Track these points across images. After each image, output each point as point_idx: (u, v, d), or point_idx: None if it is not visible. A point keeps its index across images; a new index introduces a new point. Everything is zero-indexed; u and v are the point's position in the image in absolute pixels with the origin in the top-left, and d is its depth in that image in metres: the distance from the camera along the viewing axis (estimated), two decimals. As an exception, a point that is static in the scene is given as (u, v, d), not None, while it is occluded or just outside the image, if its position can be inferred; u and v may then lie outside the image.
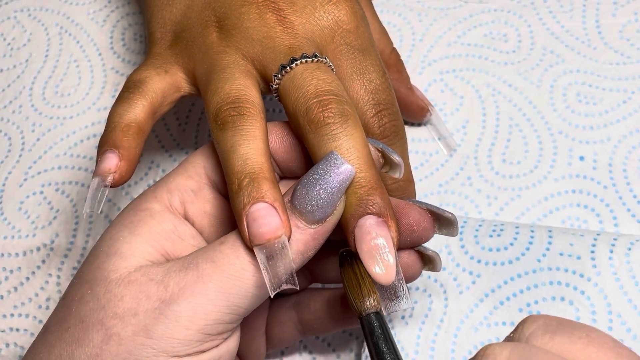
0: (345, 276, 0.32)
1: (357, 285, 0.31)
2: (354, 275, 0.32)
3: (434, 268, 0.35)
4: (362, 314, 0.31)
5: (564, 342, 0.26)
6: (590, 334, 0.26)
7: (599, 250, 0.38)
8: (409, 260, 0.34)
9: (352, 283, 0.32)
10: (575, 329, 0.26)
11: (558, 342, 0.26)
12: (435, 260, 0.35)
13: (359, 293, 0.31)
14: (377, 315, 0.31)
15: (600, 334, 0.26)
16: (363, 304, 0.31)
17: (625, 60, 0.47)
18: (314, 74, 0.34)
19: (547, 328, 0.26)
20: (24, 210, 0.48)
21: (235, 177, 0.31)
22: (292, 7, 0.37)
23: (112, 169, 0.35)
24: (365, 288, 0.31)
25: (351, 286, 0.32)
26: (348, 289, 0.32)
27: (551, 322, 0.27)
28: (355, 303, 0.31)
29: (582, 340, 0.26)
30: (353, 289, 0.31)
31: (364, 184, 0.31)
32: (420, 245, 0.35)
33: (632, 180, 0.44)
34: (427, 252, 0.35)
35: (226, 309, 0.31)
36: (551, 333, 0.26)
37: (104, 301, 0.31)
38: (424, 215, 0.34)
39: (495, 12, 0.50)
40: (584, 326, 0.26)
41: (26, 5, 0.55)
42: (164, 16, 0.40)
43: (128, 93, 0.37)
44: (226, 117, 0.33)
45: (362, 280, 0.31)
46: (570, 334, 0.26)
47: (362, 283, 0.31)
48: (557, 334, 0.26)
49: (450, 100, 0.48)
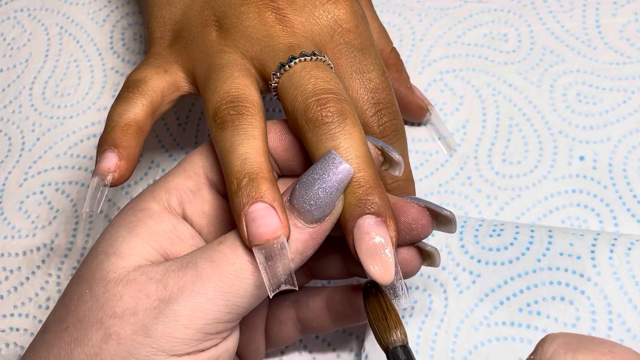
0: (371, 308, 0.32)
1: (383, 317, 0.31)
2: (379, 307, 0.32)
3: (433, 263, 0.35)
4: (389, 347, 0.31)
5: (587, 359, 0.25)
6: (612, 349, 0.26)
7: (599, 250, 0.38)
8: (408, 255, 0.34)
9: (377, 315, 0.31)
10: (597, 345, 0.26)
11: (582, 358, 0.25)
12: (434, 256, 0.35)
13: (385, 326, 0.31)
14: (405, 349, 0.31)
15: (623, 349, 0.26)
16: (390, 337, 0.31)
17: (625, 60, 0.47)
18: (312, 72, 0.34)
19: (569, 347, 0.26)
20: (24, 210, 0.48)
21: (234, 176, 0.31)
22: (292, 6, 0.37)
23: (111, 169, 0.35)
24: (392, 320, 0.31)
25: (377, 319, 0.31)
26: (374, 321, 0.31)
27: (571, 340, 0.26)
28: (382, 336, 0.31)
29: (605, 357, 0.25)
30: (379, 322, 0.31)
31: (363, 184, 0.31)
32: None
33: (632, 180, 0.44)
34: (426, 248, 0.35)
35: (225, 308, 0.31)
36: (573, 352, 0.26)
37: (103, 300, 0.31)
38: (423, 213, 0.34)
39: (495, 12, 0.50)
40: (605, 341, 0.26)
41: (26, 5, 0.55)
42: (164, 15, 0.40)
43: (127, 92, 0.37)
44: (225, 116, 0.33)
45: (389, 313, 0.31)
46: (593, 351, 0.25)
47: (389, 315, 0.31)
48: (580, 352, 0.25)
49: (450, 100, 0.48)
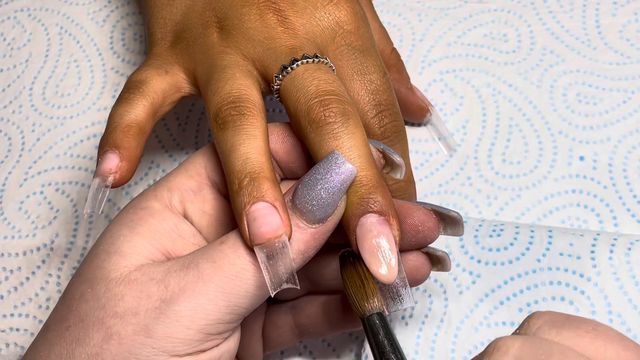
0: (348, 276, 0.32)
1: (361, 285, 0.31)
2: (357, 275, 0.31)
3: (443, 268, 0.35)
4: (365, 314, 0.31)
5: (571, 336, 0.26)
6: (596, 328, 0.26)
7: (599, 250, 0.38)
8: (417, 262, 0.34)
9: (355, 283, 0.31)
10: (581, 323, 0.26)
11: (565, 336, 0.26)
12: (445, 260, 0.35)
13: (363, 293, 0.31)
14: (380, 316, 0.31)
15: (606, 328, 0.26)
16: (367, 305, 0.31)
17: (625, 60, 0.47)
18: (314, 74, 0.34)
19: (554, 323, 0.26)
20: (24, 210, 0.48)
21: (236, 176, 0.31)
22: (293, 8, 0.37)
23: (112, 169, 0.35)
24: (369, 289, 0.31)
25: (354, 286, 0.31)
26: (351, 288, 0.31)
27: (557, 318, 0.27)
28: (359, 303, 0.31)
29: (589, 334, 0.26)
30: (356, 289, 0.31)
31: (365, 183, 0.31)
32: (428, 247, 0.35)
33: (632, 180, 0.44)
34: (436, 253, 0.35)
35: (226, 308, 0.31)
36: (558, 328, 0.26)
37: (104, 300, 0.31)
38: (429, 215, 0.33)
39: (495, 12, 0.50)
40: (590, 321, 0.27)
41: (26, 5, 0.55)
42: (164, 16, 0.40)
43: (129, 93, 0.37)
44: (226, 116, 0.33)
45: (366, 281, 0.31)
46: (577, 328, 0.26)
47: (366, 284, 0.31)
48: (564, 329, 0.26)
49: (450, 100, 0.48)
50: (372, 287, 0.31)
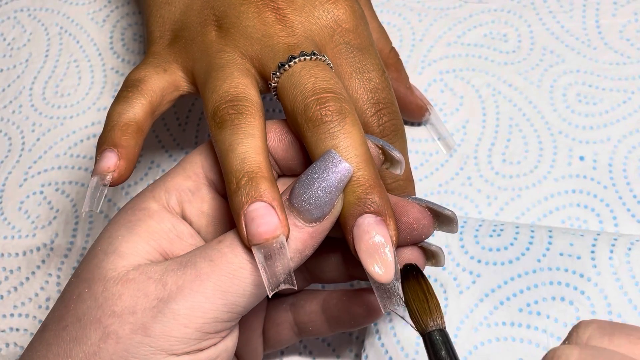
0: (411, 290, 0.31)
1: (424, 300, 0.31)
2: (420, 289, 0.31)
3: (437, 263, 0.35)
4: (426, 330, 0.30)
5: (623, 343, 0.26)
6: None
7: (599, 250, 0.38)
8: (412, 256, 0.34)
9: (418, 297, 0.31)
10: (631, 329, 0.26)
11: (617, 343, 0.26)
12: (438, 255, 0.35)
13: (426, 308, 0.30)
14: (442, 333, 0.30)
15: None
16: (430, 321, 0.30)
17: (625, 60, 0.47)
18: (312, 71, 0.34)
19: (604, 331, 0.26)
20: (24, 210, 0.48)
21: (234, 176, 0.31)
22: (291, 6, 0.37)
23: (111, 168, 0.35)
24: (433, 304, 0.31)
25: (417, 300, 0.31)
26: (413, 302, 0.31)
27: (605, 325, 0.27)
28: (422, 318, 0.30)
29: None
30: (419, 304, 0.31)
31: (362, 183, 0.31)
32: (423, 241, 0.35)
33: (632, 180, 0.43)
34: (430, 248, 0.35)
35: (224, 307, 0.31)
36: (609, 335, 0.26)
37: (102, 299, 0.31)
38: (424, 213, 0.34)
39: (495, 12, 0.50)
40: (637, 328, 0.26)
41: (26, 5, 0.55)
42: (163, 15, 0.40)
43: (127, 92, 0.37)
44: (224, 115, 0.33)
45: (430, 296, 0.31)
46: (629, 335, 0.26)
47: (430, 298, 0.31)
48: (615, 336, 0.26)
49: (450, 100, 0.48)
50: (436, 303, 0.31)
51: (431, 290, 0.31)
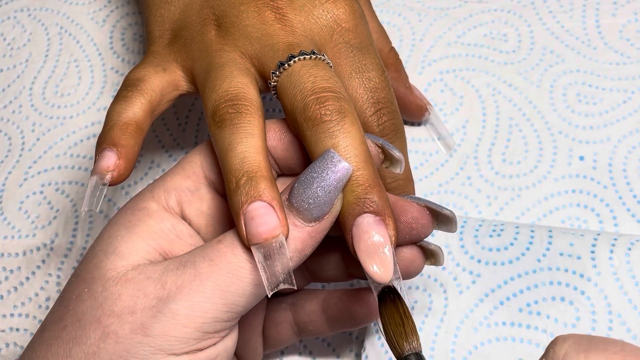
0: (387, 313, 0.31)
1: (400, 323, 0.30)
2: (397, 312, 0.31)
3: (436, 262, 0.35)
4: (403, 354, 0.30)
5: (600, 359, 0.25)
6: (624, 348, 0.26)
7: (599, 250, 0.38)
8: (411, 255, 0.34)
9: (394, 320, 0.31)
10: (608, 344, 0.26)
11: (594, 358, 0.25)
12: (437, 254, 0.35)
13: (402, 332, 0.30)
14: (418, 357, 0.30)
15: (633, 348, 0.26)
16: (406, 345, 0.30)
17: (625, 60, 0.47)
18: (311, 70, 0.33)
19: (580, 347, 0.26)
20: (24, 210, 0.48)
21: (233, 175, 0.31)
22: (291, 5, 0.37)
23: (110, 167, 0.35)
24: (409, 327, 0.30)
25: (393, 324, 0.30)
26: (389, 326, 0.30)
27: (581, 341, 0.26)
28: (397, 342, 0.30)
29: (617, 355, 0.25)
30: (395, 327, 0.30)
31: (362, 182, 0.31)
32: (422, 240, 0.35)
33: (632, 180, 0.43)
34: (429, 247, 0.35)
35: (223, 307, 0.31)
36: (585, 352, 0.26)
37: (102, 299, 0.31)
38: (423, 212, 0.33)
39: (495, 12, 0.50)
40: (615, 341, 0.26)
41: (26, 5, 0.55)
42: (163, 14, 0.40)
43: (126, 91, 0.37)
44: (224, 114, 0.33)
45: (406, 319, 0.30)
46: (605, 350, 0.26)
47: (406, 322, 0.30)
48: (591, 352, 0.26)
49: (450, 100, 0.48)
50: (412, 326, 0.30)
51: (407, 312, 0.31)
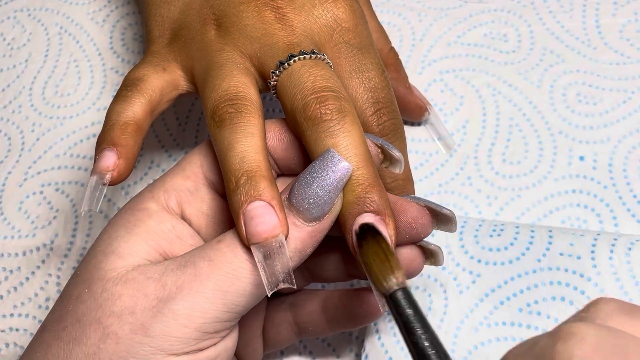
0: (370, 251, 0.30)
1: (385, 259, 0.29)
2: (380, 249, 0.29)
3: (436, 262, 0.35)
4: (389, 290, 0.28)
5: None
6: None
7: (599, 250, 0.38)
8: (411, 254, 0.34)
9: (378, 257, 0.29)
10: None
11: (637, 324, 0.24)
12: (437, 254, 0.35)
13: (388, 267, 0.29)
14: (405, 291, 0.28)
15: None
16: (392, 279, 0.28)
17: (625, 60, 0.47)
18: (311, 70, 0.34)
19: (622, 311, 0.25)
20: (23, 210, 0.48)
21: (233, 175, 0.31)
22: (291, 5, 0.37)
23: (110, 167, 0.35)
24: (394, 262, 0.29)
25: (377, 260, 0.29)
26: (373, 263, 0.29)
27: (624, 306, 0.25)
28: (384, 278, 0.29)
29: None
30: (380, 264, 0.29)
31: (362, 182, 0.31)
32: (422, 240, 0.34)
33: (632, 180, 0.43)
34: (429, 247, 0.35)
35: (224, 307, 0.31)
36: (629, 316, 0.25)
37: (101, 300, 0.31)
38: (422, 212, 0.33)
39: (495, 12, 0.50)
40: None
41: (26, 5, 0.55)
42: (162, 14, 0.40)
43: (126, 91, 0.37)
44: (224, 114, 0.33)
45: (390, 255, 0.29)
46: None
47: (390, 258, 0.29)
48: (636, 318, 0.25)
49: (450, 100, 0.48)
50: (396, 262, 0.29)
51: (390, 249, 0.29)
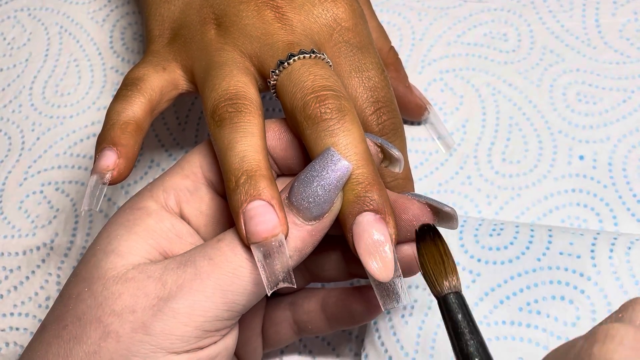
0: (427, 252, 0.30)
1: (440, 262, 0.29)
2: (437, 251, 0.30)
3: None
4: (442, 292, 0.29)
5: None
6: None
7: (598, 250, 0.38)
8: (411, 251, 0.34)
9: (433, 259, 0.30)
10: None
11: None
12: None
13: (442, 270, 0.29)
14: (458, 295, 0.29)
15: None
16: (446, 283, 0.29)
17: (625, 59, 0.47)
18: (311, 69, 0.34)
19: None
20: (24, 209, 0.48)
21: (233, 174, 0.31)
22: (291, 4, 0.37)
23: (110, 167, 0.35)
24: (449, 266, 0.29)
25: (432, 262, 0.29)
26: (429, 264, 0.29)
27: None
28: (437, 281, 0.29)
29: None
30: (435, 266, 0.29)
31: (362, 181, 0.31)
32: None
33: (632, 180, 0.43)
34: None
35: (224, 305, 0.31)
36: None
37: (102, 299, 0.31)
38: (424, 209, 0.33)
39: (495, 12, 0.50)
40: None
41: (26, 4, 0.55)
42: (162, 13, 0.40)
43: (126, 91, 0.37)
44: (223, 113, 0.33)
45: (446, 258, 0.30)
46: None
47: (446, 261, 0.29)
48: None
49: (450, 99, 0.48)
50: (452, 265, 0.29)
51: (448, 251, 0.30)
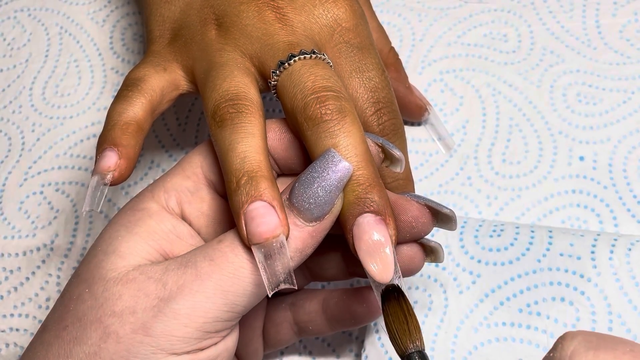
0: (391, 311, 0.31)
1: (404, 321, 0.30)
2: (400, 310, 0.31)
3: (437, 259, 0.35)
4: (406, 351, 0.30)
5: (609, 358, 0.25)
6: (634, 349, 0.25)
7: (599, 251, 0.38)
8: (411, 252, 0.34)
9: (398, 318, 0.31)
10: (618, 344, 0.26)
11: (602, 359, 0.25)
12: (437, 251, 0.35)
13: (405, 330, 0.30)
14: (421, 355, 0.30)
15: None
16: (409, 343, 0.30)
17: (625, 60, 0.47)
18: (311, 70, 0.34)
19: (589, 345, 0.26)
20: (24, 210, 0.48)
21: (234, 175, 0.31)
22: (291, 5, 0.37)
23: (111, 167, 0.35)
24: (412, 325, 0.30)
25: (397, 321, 0.30)
26: (393, 324, 0.31)
27: (590, 338, 0.26)
28: (401, 340, 0.30)
29: (626, 355, 0.25)
30: (399, 325, 0.30)
31: (362, 182, 0.31)
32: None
33: (632, 180, 0.43)
34: (429, 244, 0.35)
35: (224, 306, 0.31)
36: (594, 349, 0.25)
37: (102, 299, 0.31)
38: (423, 211, 0.33)
39: (495, 12, 0.50)
40: (625, 341, 0.26)
41: (26, 5, 0.55)
42: (163, 14, 0.40)
43: (127, 91, 0.37)
44: (224, 114, 0.33)
45: (410, 318, 0.30)
46: (614, 349, 0.25)
47: (410, 320, 0.30)
48: (601, 351, 0.25)
49: (450, 100, 0.48)
50: (415, 324, 0.30)
51: (411, 311, 0.31)
